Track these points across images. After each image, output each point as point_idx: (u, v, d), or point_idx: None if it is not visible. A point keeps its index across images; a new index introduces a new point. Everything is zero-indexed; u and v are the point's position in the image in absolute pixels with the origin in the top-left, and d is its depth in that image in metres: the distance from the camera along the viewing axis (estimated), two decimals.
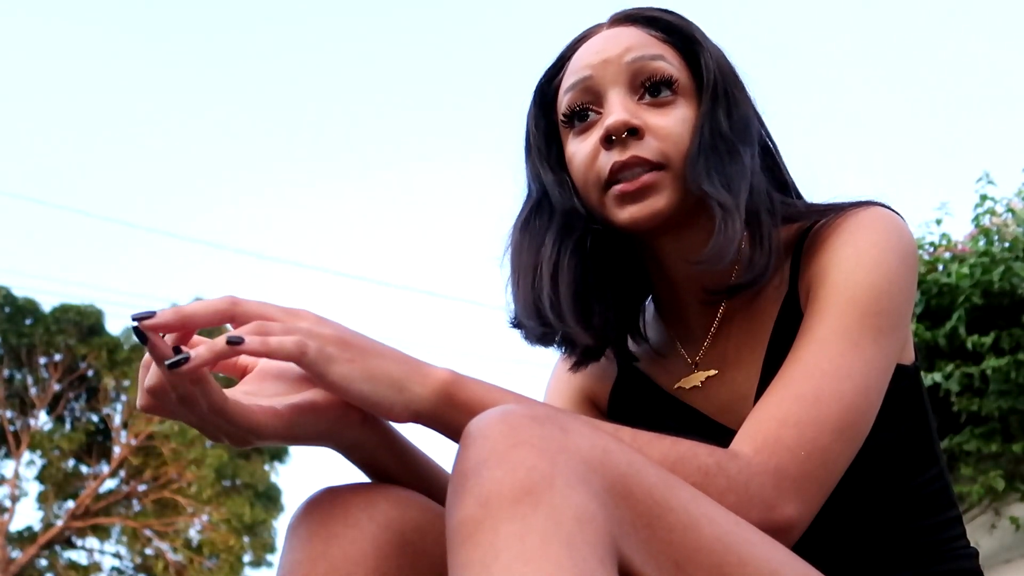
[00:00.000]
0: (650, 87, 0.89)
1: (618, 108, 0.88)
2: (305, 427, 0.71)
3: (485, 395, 0.73)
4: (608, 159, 0.88)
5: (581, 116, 0.92)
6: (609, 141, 0.88)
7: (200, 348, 0.65)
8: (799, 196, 0.98)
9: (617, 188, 0.87)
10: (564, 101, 0.93)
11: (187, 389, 0.66)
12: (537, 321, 0.91)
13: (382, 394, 0.70)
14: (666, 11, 0.94)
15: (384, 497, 0.75)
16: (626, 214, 0.88)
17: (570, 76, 0.93)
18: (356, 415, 0.73)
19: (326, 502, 0.74)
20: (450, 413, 0.72)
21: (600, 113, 0.91)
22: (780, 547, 0.71)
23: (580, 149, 0.91)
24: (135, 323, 0.64)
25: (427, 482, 0.80)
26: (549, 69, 0.97)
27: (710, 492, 0.71)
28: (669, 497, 0.65)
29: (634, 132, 0.87)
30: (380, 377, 0.70)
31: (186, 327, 0.67)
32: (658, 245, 0.93)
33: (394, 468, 0.78)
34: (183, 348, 0.65)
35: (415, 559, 0.74)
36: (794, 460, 0.76)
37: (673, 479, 0.67)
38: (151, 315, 0.65)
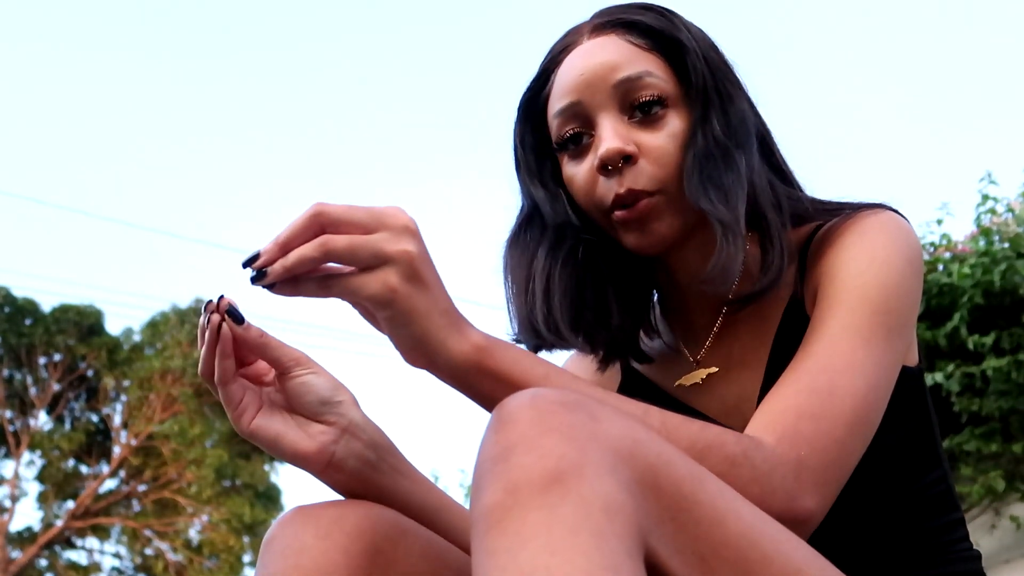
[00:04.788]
0: (640, 107, 0.88)
1: (610, 134, 0.87)
2: (299, 467, 0.81)
3: (513, 365, 0.73)
4: (607, 189, 0.88)
5: (574, 140, 0.91)
6: (605, 170, 0.87)
7: (277, 265, 0.69)
8: (798, 186, 0.98)
9: (619, 215, 0.88)
10: (554, 126, 0.92)
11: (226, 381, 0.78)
12: (532, 335, 0.91)
13: (417, 353, 0.72)
14: (646, 8, 0.92)
15: (354, 511, 0.77)
16: (632, 240, 0.89)
17: (557, 100, 0.91)
18: (340, 477, 0.81)
19: (298, 519, 0.77)
20: (479, 379, 0.73)
21: (592, 135, 0.89)
22: (803, 544, 0.70)
23: (578, 173, 0.90)
24: (249, 269, 0.69)
25: (407, 506, 0.83)
26: (533, 83, 0.95)
27: (735, 482, 0.71)
28: (697, 490, 0.64)
29: (628, 159, 0.87)
30: (418, 338, 0.71)
31: (286, 251, 0.69)
32: (666, 257, 0.93)
33: (372, 497, 0.82)
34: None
35: (386, 569, 0.76)
36: (814, 452, 0.76)
37: (702, 471, 0.67)
38: (256, 257, 0.69)
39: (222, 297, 0.76)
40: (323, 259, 0.68)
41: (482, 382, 0.73)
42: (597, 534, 0.55)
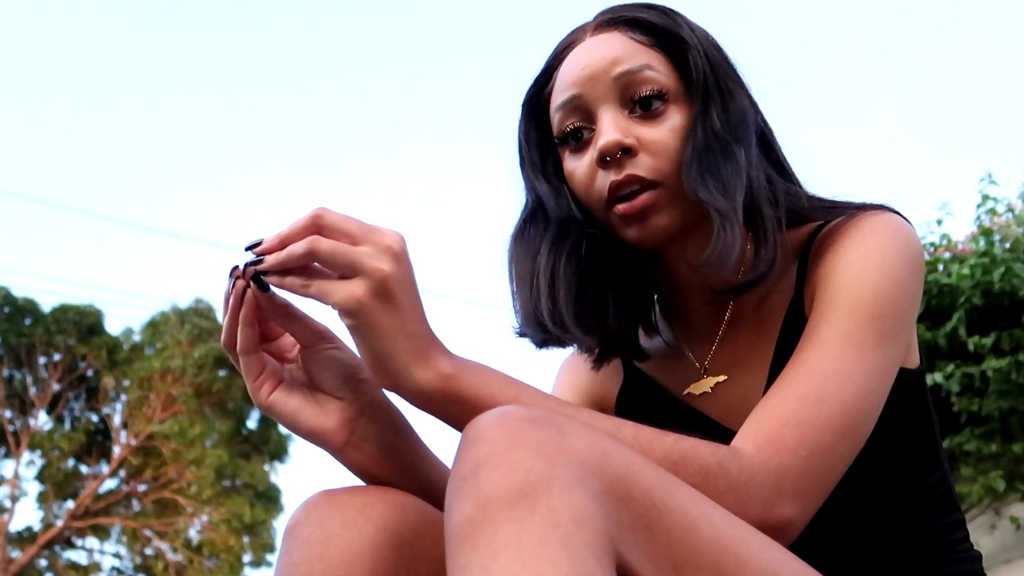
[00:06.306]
0: (640, 101, 0.88)
1: (609, 127, 0.87)
2: (316, 443, 0.78)
3: (482, 389, 0.74)
4: (605, 179, 0.88)
5: (575, 135, 0.91)
6: (604, 161, 0.88)
7: (271, 257, 0.72)
8: (798, 183, 0.98)
9: (619, 209, 0.88)
10: (555, 120, 0.93)
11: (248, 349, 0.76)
12: (538, 329, 0.91)
13: (381, 372, 0.73)
14: (649, 7, 0.93)
15: (381, 500, 0.76)
16: (632, 234, 0.89)
17: (559, 94, 0.92)
18: (358, 458, 0.78)
19: (323, 505, 0.75)
20: (446, 405, 0.74)
21: (593, 130, 0.90)
22: (778, 547, 0.71)
23: (578, 167, 0.91)
24: (253, 258, 0.73)
25: (427, 489, 0.81)
26: (537, 80, 0.96)
27: (710, 491, 0.71)
28: (667, 499, 0.65)
29: (627, 151, 0.87)
30: (380, 357, 0.72)
31: (283, 246, 0.72)
32: (664, 251, 0.93)
33: (391, 480, 0.80)
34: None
35: (412, 561, 0.75)
36: (795, 460, 0.76)
37: (672, 480, 0.67)
38: (259, 243, 0.73)
39: (248, 263, 0.74)
40: (308, 258, 0.70)
41: (450, 408, 0.73)
42: (566, 544, 0.56)
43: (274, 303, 0.75)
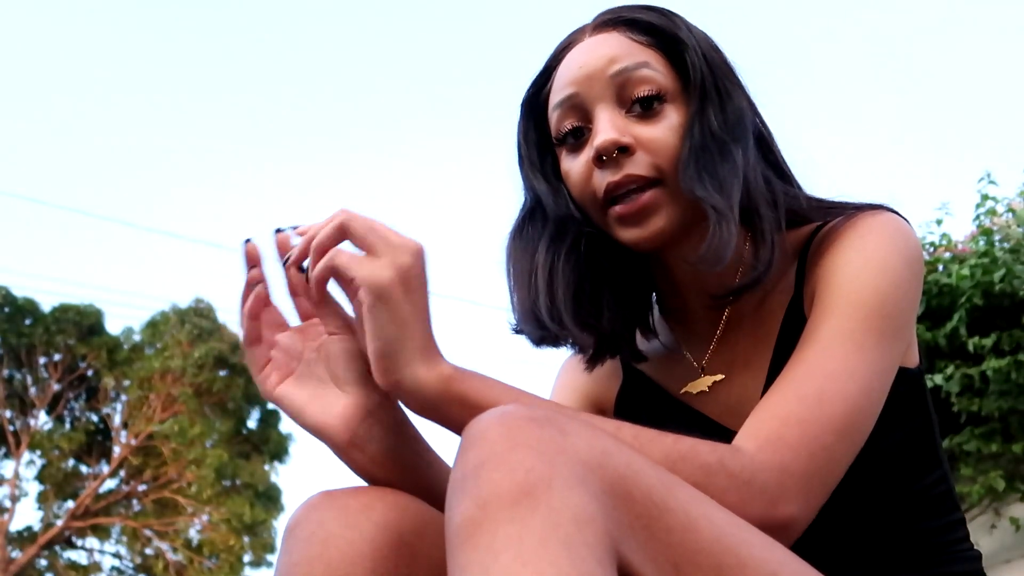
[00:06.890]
0: (637, 100, 0.88)
1: (606, 126, 0.87)
2: (320, 439, 0.79)
3: (482, 391, 0.74)
4: (602, 179, 0.88)
5: (572, 134, 0.91)
6: (600, 160, 0.87)
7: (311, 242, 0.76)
8: (797, 185, 0.98)
9: (616, 210, 0.88)
10: (553, 119, 0.93)
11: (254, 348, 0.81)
12: (535, 326, 0.91)
13: (387, 370, 0.73)
14: (648, 8, 0.93)
15: (382, 500, 0.76)
16: (629, 235, 0.88)
17: (557, 93, 0.92)
18: (360, 458, 0.78)
19: (324, 505, 0.75)
20: (448, 406, 0.74)
21: (590, 129, 0.90)
22: (779, 547, 0.71)
23: (574, 166, 0.91)
24: (283, 233, 0.79)
25: (428, 492, 0.81)
26: (536, 80, 0.96)
27: (711, 490, 0.71)
28: (668, 498, 0.65)
29: (624, 150, 0.87)
30: (395, 351, 0.73)
31: (309, 242, 0.76)
32: (662, 252, 0.93)
33: (393, 482, 0.80)
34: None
35: (412, 561, 0.75)
36: (797, 458, 0.76)
37: (672, 479, 0.67)
38: (290, 229, 0.78)
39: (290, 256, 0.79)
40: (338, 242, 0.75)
41: (451, 409, 0.74)
42: (567, 544, 0.56)
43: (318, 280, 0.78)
